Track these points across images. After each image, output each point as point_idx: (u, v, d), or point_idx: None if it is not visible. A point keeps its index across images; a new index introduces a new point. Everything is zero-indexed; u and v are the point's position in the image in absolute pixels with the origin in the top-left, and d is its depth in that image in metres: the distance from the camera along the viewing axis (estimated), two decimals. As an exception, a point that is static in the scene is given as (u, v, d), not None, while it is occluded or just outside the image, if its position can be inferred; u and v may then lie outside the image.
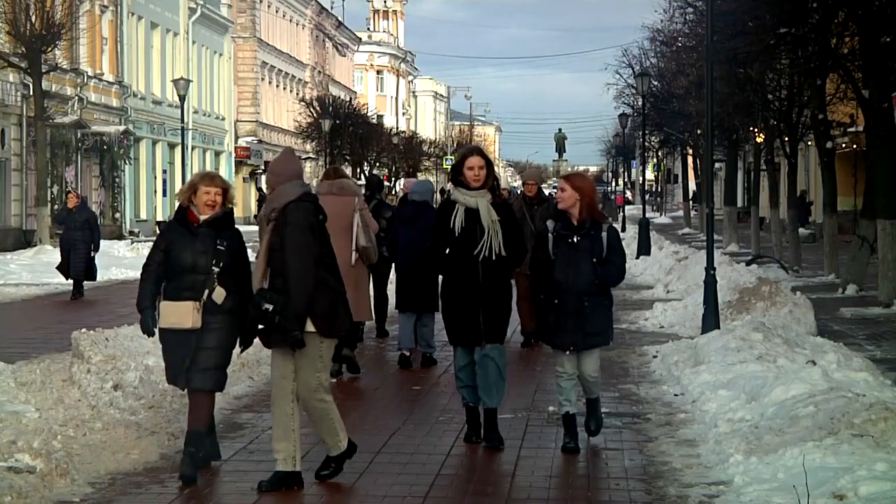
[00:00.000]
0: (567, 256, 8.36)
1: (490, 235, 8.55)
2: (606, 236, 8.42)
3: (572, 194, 8.41)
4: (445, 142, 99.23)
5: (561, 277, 8.35)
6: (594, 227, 8.41)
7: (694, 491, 7.47)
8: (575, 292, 8.33)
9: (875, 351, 13.74)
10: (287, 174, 7.64)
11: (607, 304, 8.53)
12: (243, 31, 62.55)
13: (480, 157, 8.72)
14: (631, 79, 49.40)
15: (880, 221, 19.33)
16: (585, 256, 8.34)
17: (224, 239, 7.72)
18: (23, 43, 31.58)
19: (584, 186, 8.48)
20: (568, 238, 8.38)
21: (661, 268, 24.86)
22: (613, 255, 8.42)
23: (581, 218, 8.40)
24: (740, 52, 21.99)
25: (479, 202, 8.61)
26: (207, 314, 7.62)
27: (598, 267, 8.35)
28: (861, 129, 28.92)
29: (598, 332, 8.47)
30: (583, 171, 15.02)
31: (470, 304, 8.61)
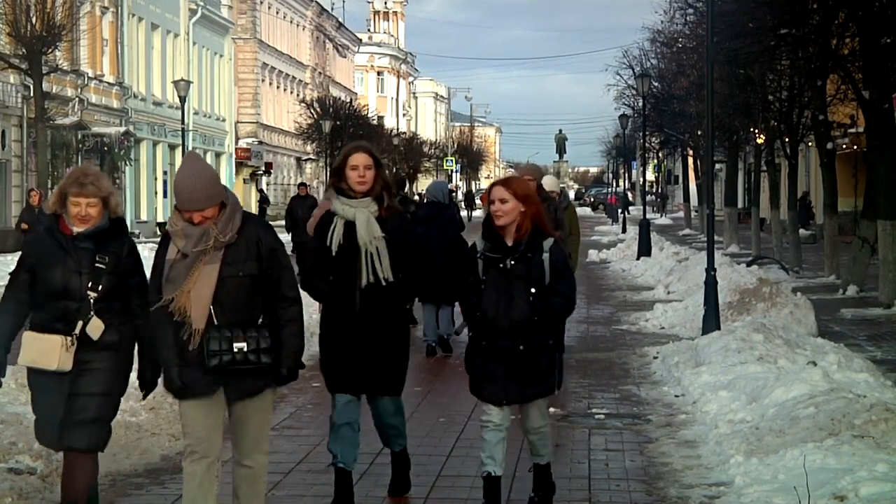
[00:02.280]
0: (498, 285, 6.55)
1: (368, 257, 6.83)
2: (549, 258, 6.56)
3: (516, 206, 6.54)
4: (446, 143, 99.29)
5: (490, 312, 6.56)
6: (533, 247, 6.56)
7: (694, 492, 7.47)
8: (507, 331, 6.53)
9: (876, 352, 13.74)
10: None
11: (552, 345, 6.68)
12: (244, 32, 62.55)
13: (367, 154, 6.93)
14: (631, 80, 49.45)
15: (881, 222, 19.33)
16: (520, 285, 6.52)
17: (106, 254, 6.03)
18: (23, 44, 31.60)
19: (530, 193, 6.65)
20: (498, 262, 6.56)
21: (661, 269, 24.86)
22: (559, 281, 6.59)
23: (519, 236, 6.56)
24: (741, 53, 22.00)
25: (358, 214, 6.83)
26: (83, 352, 5.98)
27: (537, 299, 6.54)
28: (861, 129, 28.92)
29: (539, 380, 6.65)
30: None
31: (344, 342, 6.91)
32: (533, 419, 6.82)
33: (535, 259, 6.55)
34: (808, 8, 20.86)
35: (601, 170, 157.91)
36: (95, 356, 5.98)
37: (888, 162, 19.41)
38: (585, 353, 13.99)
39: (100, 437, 6.08)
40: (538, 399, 6.76)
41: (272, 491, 7.44)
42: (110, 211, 6.08)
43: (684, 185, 59.62)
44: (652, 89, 42.45)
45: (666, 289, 21.55)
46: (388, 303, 6.91)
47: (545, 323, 6.58)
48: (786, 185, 33.33)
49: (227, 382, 5.80)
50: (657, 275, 24.35)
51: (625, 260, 30.71)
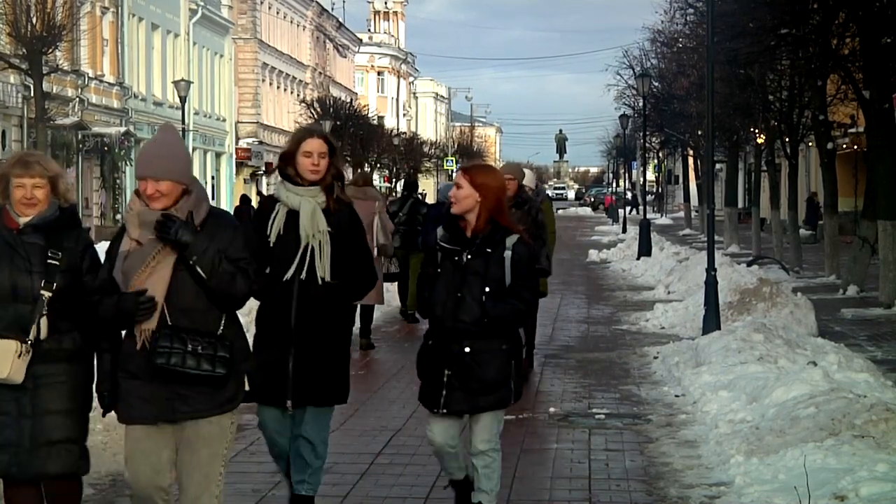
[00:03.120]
0: (450, 281, 5.94)
1: (310, 251, 6.14)
2: (511, 255, 5.90)
3: (470, 193, 5.97)
4: (446, 143, 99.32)
5: (437, 310, 5.97)
6: (493, 242, 5.94)
7: (695, 492, 7.47)
8: (453, 332, 5.92)
9: (876, 352, 13.75)
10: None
11: (505, 350, 5.95)
12: (244, 32, 62.54)
13: (323, 140, 6.25)
14: (632, 80, 49.46)
15: (881, 222, 19.33)
16: (475, 282, 5.88)
17: (59, 249, 5.30)
18: (23, 44, 31.57)
19: (489, 183, 5.99)
20: (454, 255, 5.98)
21: (661, 269, 24.87)
22: (519, 283, 5.91)
23: (477, 227, 5.97)
24: (741, 53, 22.00)
25: (303, 203, 6.15)
26: (39, 363, 5.22)
27: (490, 299, 5.88)
28: (862, 129, 28.91)
29: (488, 389, 5.93)
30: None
31: (277, 345, 6.16)
32: (478, 436, 6.03)
33: (494, 255, 5.91)
34: (808, 8, 20.86)
35: (601, 170, 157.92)
36: (54, 368, 5.24)
37: (888, 162, 19.42)
38: (585, 353, 13.99)
39: (77, 460, 5.35)
40: (488, 412, 5.98)
41: (272, 491, 7.44)
42: (60, 197, 5.35)
43: (684, 185, 59.64)
44: (652, 89, 42.46)
45: (666, 289, 21.55)
46: (325, 305, 6.15)
47: (495, 327, 5.88)
48: (786, 185, 33.34)
49: (175, 397, 5.04)
50: (657, 275, 24.35)
51: (625, 260, 30.71)
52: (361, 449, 8.44)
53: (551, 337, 15.75)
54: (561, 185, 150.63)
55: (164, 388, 5.04)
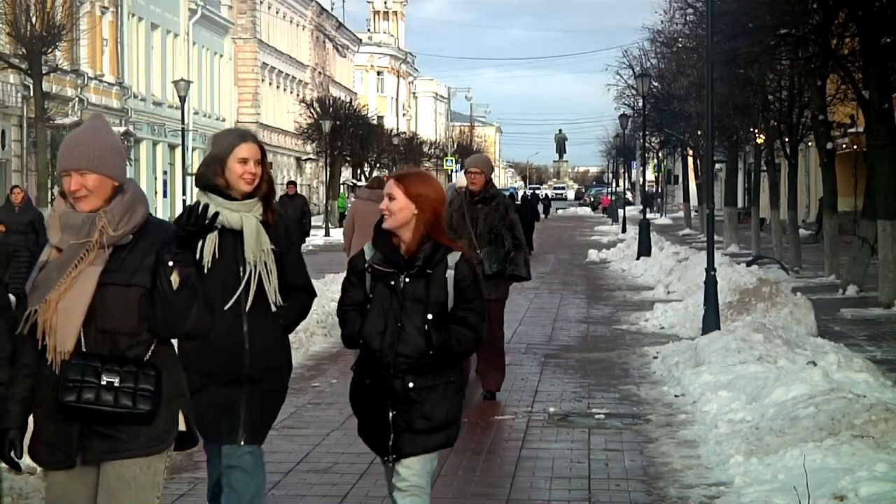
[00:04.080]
0: (386, 309, 5.12)
1: (257, 275, 5.34)
2: (454, 276, 5.13)
3: (406, 205, 5.13)
4: (446, 143, 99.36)
5: (373, 343, 5.12)
6: (433, 262, 5.12)
7: (694, 492, 7.47)
8: (394, 368, 5.09)
9: (875, 352, 13.75)
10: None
11: (454, 384, 5.20)
12: (244, 32, 62.57)
13: (257, 146, 5.46)
14: (631, 80, 49.45)
15: (881, 222, 19.34)
16: (416, 309, 5.09)
17: None
18: (23, 44, 31.58)
19: (426, 194, 5.16)
20: (389, 278, 5.14)
21: (661, 268, 24.87)
22: (463, 306, 5.14)
23: (412, 245, 5.13)
24: (741, 53, 22.00)
25: (246, 220, 5.33)
26: None
27: (433, 328, 5.08)
28: (861, 129, 28.93)
29: (434, 427, 5.15)
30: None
31: (227, 382, 5.34)
32: (408, 468, 5.21)
33: (435, 277, 5.10)
34: (807, 8, 20.87)
35: (601, 170, 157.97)
36: None
37: (888, 162, 19.42)
38: (585, 353, 13.99)
39: None
40: (429, 453, 5.23)
41: (272, 491, 7.44)
42: None
43: (684, 184, 59.64)
44: (652, 89, 42.46)
45: (666, 289, 21.55)
46: (280, 332, 5.45)
47: (443, 358, 5.11)
48: (785, 184, 33.35)
49: (93, 434, 4.22)
50: (657, 275, 24.36)
51: (625, 260, 30.72)
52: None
53: (551, 337, 15.76)
54: (560, 185, 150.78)
55: (77, 426, 4.23)
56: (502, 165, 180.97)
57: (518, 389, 11.37)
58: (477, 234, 10.24)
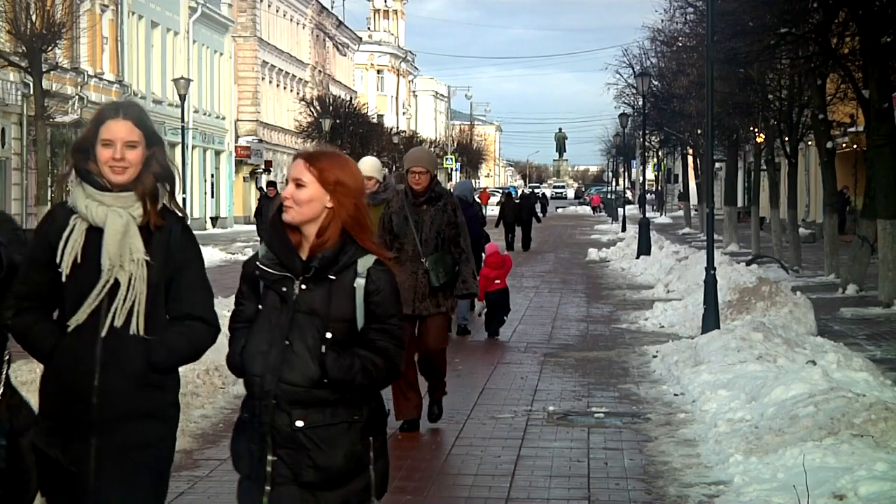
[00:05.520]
0: (273, 324, 4.00)
1: (121, 290, 4.08)
2: (364, 286, 3.99)
3: (318, 195, 4.01)
4: (446, 141, 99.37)
5: (254, 367, 4.00)
6: (336, 266, 4.00)
7: (694, 491, 7.47)
8: (279, 400, 3.95)
9: (875, 351, 13.75)
10: None
11: (357, 423, 3.98)
12: (244, 30, 62.55)
13: (133, 123, 4.16)
14: (631, 79, 49.47)
15: (881, 221, 19.34)
16: (310, 325, 3.96)
17: None
18: (23, 42, 31.56)
19: (346, 182, 4.05)
20: (281, 284, 4.00)
21: (661, 267, 24.88)
22: (376, 327, 4.00)
23: (318, 245, 4.01)
24: (741, 52, 22.00)
25: (110, 217, 4.10)
26: None
27: (331, 350, 3.95)
28: (861, 128, 28.94)
29: (333, 483, 3.96)
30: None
31: (72, 430, 4.06)
32: None
33: (339, 285, 3.97)
34: (808, 7, 20.87)
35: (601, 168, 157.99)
36: None
37: (888, 161, 19.42)
38: (585, 352, 14.00)
39: None
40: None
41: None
42: None
43: (684, 183, 59.65)
44: (652, 88, 42.46)
45: (665, 288, 21.56)
46: (144, 373, 4.09)
47: (341, 391, 3.94)
48: (785, 184, 33.35)
49: None
50: (657, 274, 24.37)
51: (624, 259, 30.73)
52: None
53: (550, 335, 15.76)
54: (560, 183, 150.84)
55: None
56: (502, 164, 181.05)
57: (517, 388, 11.37)
58: (422, 240, 8.96)
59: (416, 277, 8.93)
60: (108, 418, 4.03)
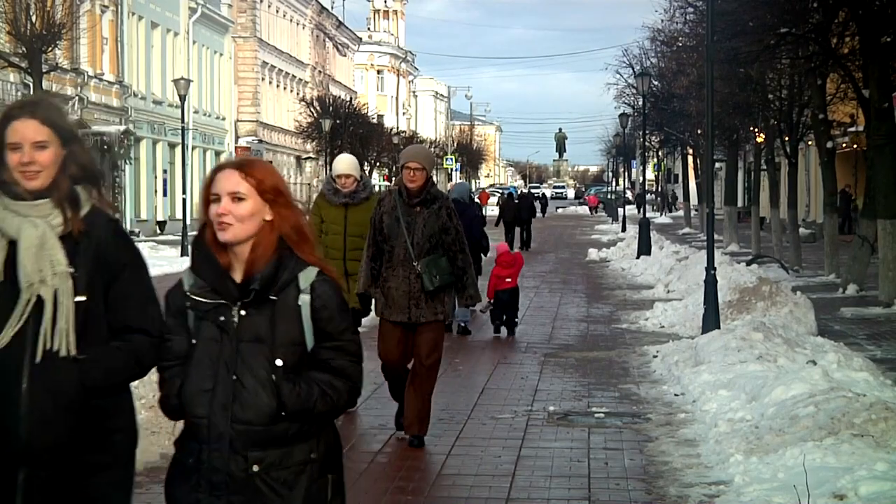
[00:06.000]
0: (215, 355, 3.61)
1: (46, 308, 3.66)
2: (309, 303, 3.61)
3: (258, 208, 3.62)
4: (446, 142, 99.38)
5: (197, 407, 3.61)
6: (276, 285, 3.60)
7: (694, 491, 7.47)
8: (231, 442, 3.57)
9: (875, 351, 13.75)
10: None
11: (315, 462, 3.62)
12: (244, 30, 62.54)
13: (39, 120, 3.73)
14: (631, 79, 49.48)
15: (881, 221, 19.34)
16: (257, 355, 3.57)
17: None
18: (23, 43, 31.57)
19: (285, 190, 3.70)
20: (218, 313, 3.61)
21: (661, 267, 24.88)
22: (329, 346, 3.64)
23: (255, 265, 3.60)
24: (741, 52, 22.01)
25: (25, 227, 3.69)
26: None
27: (285, 379, 3.56)
28: (861, 128, 28.93)
29: None
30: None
31: (1, 453, 3.64)
32: None
33: (282, 306, 3.58)
34: (808, 7, 20.89)
35: (601, 169, 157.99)
36: None
37: (888, 161, 19.42)
38: (585, 352, 14.00)
39: None
40: None
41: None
42: None
43: (684, 183, 59.66)
44: (652, 88, 42.47)
45: (666, 288, 21.55)
46: (79, 398, 3.67)
47: (301, 422, 3.57)
48: (785, 184, 33.35)
49: None
50: (657, 274, 24.37)
51: (625, 259, 30.73)
52: (361, 447, 8.44)
53: (551, 335, 15.76)
54: (560, 184, 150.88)
55: None
56: (502, 164, 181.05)
57: (518, 388, 11.37)
58: (413, 243, 8.35)
59: (409, 282, 8.37)
60: (39, 450, 3.62)
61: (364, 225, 8.87)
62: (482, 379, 11.95)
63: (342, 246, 9.61)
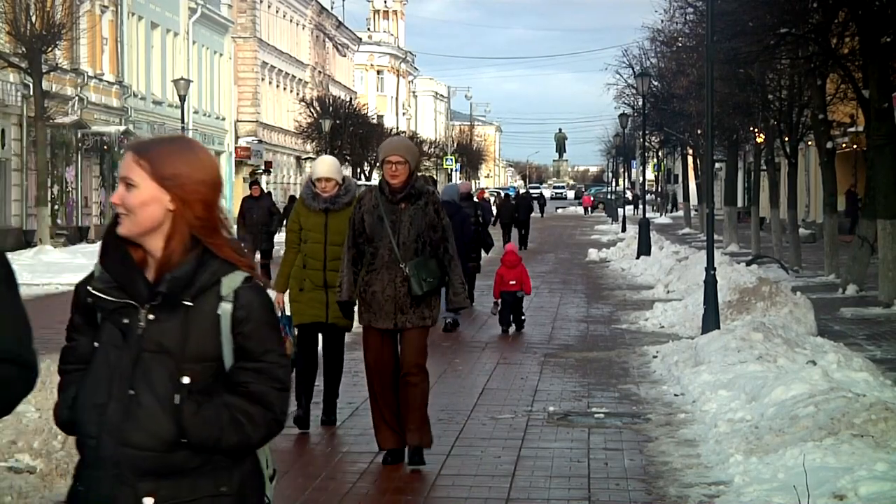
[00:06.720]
0: (113, 366, 3.08)
1: None
2: (231, 313, 3.06)
3: (154, 196, 3.07)
4: (446, 142, 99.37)
5: (89, 424, 3.07)
6: (191, 289, 3.06)
7: (694, 491, 7.47)
8: (122, 466, 3.01)
9: (875, 351, 13.75)
10: None
11: (228, 497, 3.07)
12: (243, 31, 62.54)
13: None
14: (631, 79, 49.46)
15: (881, 221, 19.34)
16: (160, 367, 3.03)
17: None
18: (23, 43, 31.59)
19: (190, 175, 3.09)
20: (122, 315, 3.09)
21: (661, 268, 24.88)
22: (247, 366, 3.08)
23: (167, 262, 3.08)
24: (740, 53, 22.01)
25: None
26: None
27: (189, 400, 3.01)
28: (861, 128, 28.94)
29: None
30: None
31: None
32: None
33: (197, 314, 3.05)
34: (807, 7, 20.89)
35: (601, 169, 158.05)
36: None
37: (888, 161, 19.43)
38: (585, 352, 13.99)
39: None
40: None
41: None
42: None
43: (684, 184, 59.68)
44: (652, 88, 42.47)
45: (665, 288, 21.55)
46: None
47: (206, 453, 3.02)
48: (785, 184, 33.36)
49: None
50: (657, 274, 24.37)
51: (624, 259, 30.73)
52: (361, 448, 8.44)
53: (550, 336, 15.76)
54: (560, 184, 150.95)
55: None
56: (502, 164, 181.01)
57: (518, 388, 11.37)
58: (399, 243, 7.75)
59: (394, 286, 7.73)
60: None
61: (346, 232, 8.14)
62: (482, 379, 11.95)
63: (322, 255, 8.84)
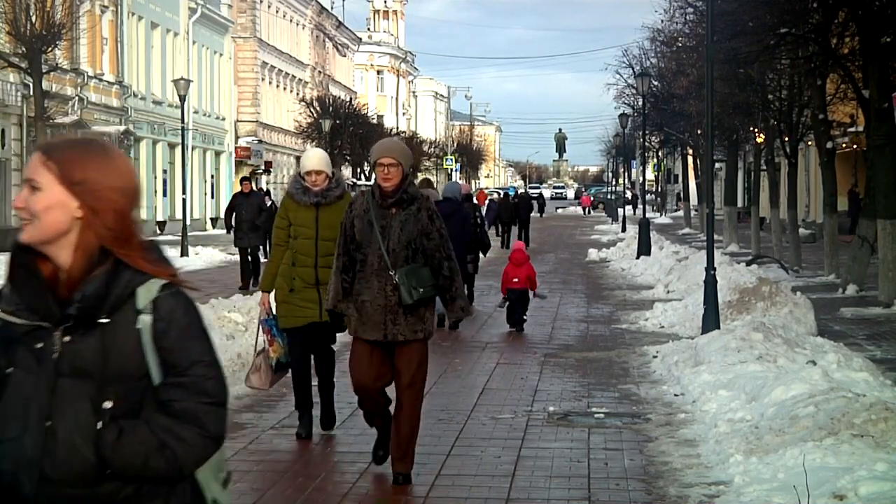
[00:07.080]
0: (27, 393, 2.74)
1: None
2: (151, 326, 2.76)
3: (60, 200, 2.76)
4: (445, 142, 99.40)
5: (3, 459, 2.74)
6: (111, 301, 2.75)
7: (694, 491, 7.47)
8: (38, 499, 2.72)
9: (875, 351, 13.74)
10: None
11: None
12: (243, 31, 62.54)
13: None
14: (631, 79, 49.46)
15: (881, 221, 19.34)
16: (79, 393, 2.72)
17: None
18: (23, 43, 31.57)
19: (99, 180, 2.78)
20: (34, 339, 2.75)
21: (661, 268, 24.87)
22: (173, 381, 2.76)
23: (77, 277, 2.76)
24: (740, 53, 22.01)
25: None
26: None
27: (111, 426, 2.71)
28: (861, 128, 28.94)
29: None
30: None
31: None
32: None
33: (115, 330, 2.76)
34: (807, 7, 20.89)
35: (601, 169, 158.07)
36: None
37: (888, 161, 19.42)
38: (585, 352, 13.99)
39: None
40: None
41: (270, 490, 7.45)
42: None
43: (684, 184, 59.67)
44: (652, 88, 42.46)
45: (665, 288, 21.55)
46: None
47: (135, 482, 2.74)
48: (785, 184, 33.36)
49: None
50: (657, 274, 24.36)
51: (624, 259, 30.72)
52: (361, 448, 8.44)
53: (550, 336, 15.76)
54: (560, 184, 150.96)
55: None
56: (502, 165, 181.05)
57: (518, 388, 11.37)
58: (389, 250, 7.31)
59: (385, 295, 7.28)
60: None
61: (338, 227, 7.72)
62: (482, 379, 11.95)
63: (313, 251, 8.54)
